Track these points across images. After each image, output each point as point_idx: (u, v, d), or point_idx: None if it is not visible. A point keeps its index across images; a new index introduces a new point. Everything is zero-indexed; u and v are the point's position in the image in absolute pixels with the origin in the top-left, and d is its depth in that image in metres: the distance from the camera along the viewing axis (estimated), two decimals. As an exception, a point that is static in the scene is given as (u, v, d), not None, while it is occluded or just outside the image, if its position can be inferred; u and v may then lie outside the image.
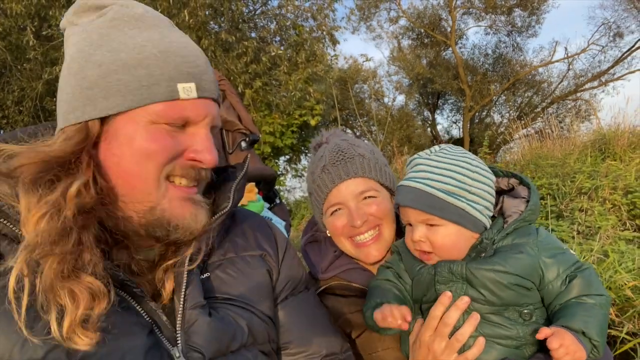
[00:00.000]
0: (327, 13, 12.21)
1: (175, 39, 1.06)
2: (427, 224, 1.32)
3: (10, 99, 10.52)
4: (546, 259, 1.26)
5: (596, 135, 8.63)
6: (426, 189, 1.30)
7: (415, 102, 26.82)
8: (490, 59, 23.69)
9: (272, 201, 2.69)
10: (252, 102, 11.41)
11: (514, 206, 1.36)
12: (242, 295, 1.17)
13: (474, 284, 1.27)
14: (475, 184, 1.31)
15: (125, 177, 1.02)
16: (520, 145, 10.53)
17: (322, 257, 1.69)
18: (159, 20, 1.09)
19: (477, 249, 1.31)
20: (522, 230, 1.32)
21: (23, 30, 9.23)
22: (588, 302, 1.22)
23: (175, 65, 1.02)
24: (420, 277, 1.38)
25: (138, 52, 1.00)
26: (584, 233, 4.49)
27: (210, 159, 1.06)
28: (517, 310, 1.28)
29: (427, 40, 23.63)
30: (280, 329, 1.25)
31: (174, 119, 1.02)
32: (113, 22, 1.03)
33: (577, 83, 22.33)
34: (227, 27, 11.06)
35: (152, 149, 1.00)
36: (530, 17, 21.83)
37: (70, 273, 0.90)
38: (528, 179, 1.41)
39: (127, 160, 1.01)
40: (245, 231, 1.29)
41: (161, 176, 1.03)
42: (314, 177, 1.61)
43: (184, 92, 1.02)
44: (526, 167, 7.74)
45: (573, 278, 1.25)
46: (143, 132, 1.00)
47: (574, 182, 5.84)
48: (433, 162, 1.34)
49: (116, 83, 0.99)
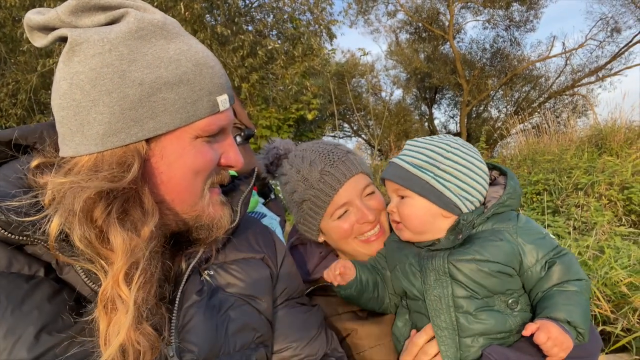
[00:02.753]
0: (324, 7, 12.14)
1: (200, 49, 1.05)
2: (398, 195, 1.42)
3: (5, 91, 10.44)
4: (525, 244, 1.28)
5: (593, 130, 8.66)
6: (398, 162, 1.41)
7: (412, 97, 26.84)
8: (488, 53, 23.69)
9: (266, 196, 2.66)
10: (249, 96, 11.36)
11: (493, 192, 1.40)
12: (246, 294, 1.16)
13: (458, 278, 1.29)
14: (447, 162, 1.35)
15: (173, 193, 1.03)
16: (517, 140, 10.55)
17: (309, 258, 1.68)
18: (176, 26, 1.05)
19: (455, 231, 1.34)
20: (502, 215, 1.34)
21: (17, 22, 9.15)
22: (569, 290, 1.23)
23: (210, 78, 1.02)
24: (401, 267, 1.42)
25: (175, 67, 0.96)
26: (580, 229, 4.51)
27: (242, 163, 1.12)
28: (503, 301, 1.30)
29: (425, 34, 23.58)
30: (274, 333, 1.24)
31: (214, 132, 1.05)
32: (139, 32, 0.94)
33: (574, 78, 22.37)
34: (223, 21, 10.98)
35: (200, 165, 1.03)
36: (528, 11, 21.83)
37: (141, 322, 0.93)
38: (505, 168, 1.47)
39: (177, 177, 1.02)
40: (248, 236, 1.29)
41: (206, 187, 1.07)
42: (309, 184, 1.55)
43: (222, 104, 1.04)
44: (523, 162, 7.75)
45: (552, 264, 1.27)
46: (190, 149, 1.01)
47: (570, 177, 5.85)
48: (417, 143, 1.43)
49: (162, 102, 0.95)
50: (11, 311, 0.85)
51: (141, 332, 0.91)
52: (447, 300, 1.30)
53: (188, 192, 1.04)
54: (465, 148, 1.40)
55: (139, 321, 0.91)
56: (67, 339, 0.88)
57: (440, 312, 1.31)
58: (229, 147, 1.10)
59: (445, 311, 1.30)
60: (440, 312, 1.31)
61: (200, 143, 1.03)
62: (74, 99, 0.91)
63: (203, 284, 1.10)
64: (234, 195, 1.25)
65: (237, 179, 1.30)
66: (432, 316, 1.32)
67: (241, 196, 1.24)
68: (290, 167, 1.61)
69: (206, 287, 1.10)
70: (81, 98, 0.91)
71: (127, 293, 0.89)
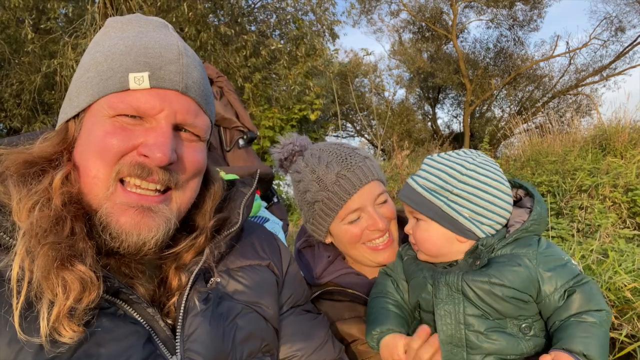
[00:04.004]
0: (327, 7, 12.12)
1: (153, 36, 1.02)
2: (414, 217, 1.39)
3: (9, 92, 10.48)
4: (544, 271, 1.23)
5: (597, 130, 8.61)
6: (413, 185, 1.37)
7: (415, 96, 26.78)
8: (492, 53, 23.61)
9: (269, 200, 2.66)
10: (252, 96, 11.35)
11: (517, 216, 1.34)
12: (253, 301, 1.15)
13: (470, 297, 1.25)
14: (461, 185, 1.29)
15: (85, 176, 1.00)
16: (520, 140, 10.51)
17: (316, 262, 1.67)
18: (148, 22, 1.06)
19: (473, 255, 1.30)
20: (523, 240, 1.29)
21: (21, 23, 9.17)
22: (588, 321, 1.18)
23: (134, 57, 0.98)
24: (416, 281, 1.39)
25: (108, 49, 1.00)
26: (583, 231, 4.48)
27: (160, 157, 0.95)
28: (516, 325, 1.26)
29: (428, 34, 23.52)
30: (280, 341, 1.23)
31: (125, 110, 0.97)
32: (106, 28, 1.04)
33: (578, 78, 22.27)
34: (226, 21, 10.98)
35: (99, 143, 0.96)
36: (532, 11, 21.74)
37: (64, 261, 0.89)
38: (534, 190, 1.38)
39: (85, 157, 1.00)
40: (253, 242, 1.28)
41: (111, 175, 0.97)
42: (324, 185, 1.54)
43: (135, 81, 0.97)
44: (527, 163, 7.72)
45: (572, 293, 1.21)
46: (98, 126, 0.98)
47: (574, 179, 5.82)
48: (433, 162, 1.36)
49: (86, 80, 1.01)
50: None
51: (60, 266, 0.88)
52: (457, 317, 1.26)
53: (91, 176, 0.98)
54: (484, 168, 1.31)
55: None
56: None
57: (447, 326, 1.28)
58: (153, 136, 0.97)
59: (454, 327, 1.27)
60: (447, 326, 1.28)
61: (111, 123, 0.98)
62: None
63: (209, 291, 1.08)
64: (236, 198, 1.23)
65: (240, 182, 1.28)
66: (439, 330, 1.29)
67: (243, 199, 1.22)
68: (305, 166, 1.60)
69: (212, 295, 1.08)
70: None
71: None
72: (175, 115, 1.00)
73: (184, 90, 1.02)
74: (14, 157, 0.98)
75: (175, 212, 1.05)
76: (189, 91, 1.03)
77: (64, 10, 9.74)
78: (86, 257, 0.92)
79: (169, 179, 1.00)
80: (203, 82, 1.09)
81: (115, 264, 1.02)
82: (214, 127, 2.87)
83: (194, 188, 1.11)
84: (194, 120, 1.04)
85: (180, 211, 1.08)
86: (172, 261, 1.08)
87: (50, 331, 0.85)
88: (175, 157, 1.00)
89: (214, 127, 2.87)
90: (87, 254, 0.92)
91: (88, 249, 0.93)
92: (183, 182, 1.05)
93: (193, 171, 1.07)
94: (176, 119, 1.01)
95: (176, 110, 1.00)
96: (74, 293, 0.87)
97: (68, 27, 9.47)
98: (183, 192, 1.07)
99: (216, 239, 1.14)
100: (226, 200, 1.23)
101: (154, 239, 0.98)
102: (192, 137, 1.07)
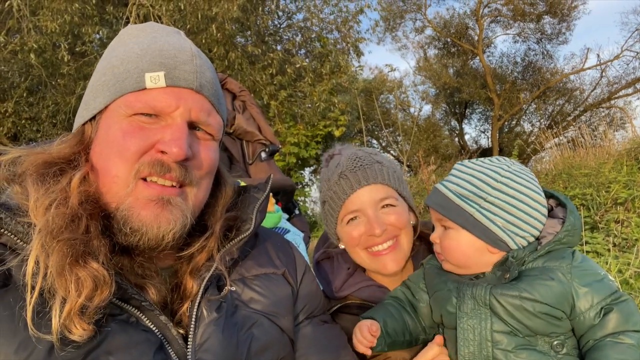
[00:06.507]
0: (352, 25, 12.25)
1: (167, 40, 1.06)
2: (442, 224, 1.33)
3: (45, 113, 10.90)
4: (579, 286, 1.15)
5: (632, 143, 8.32)
6: (442, 190, 1.30)
7: (442, 112, 26.56)
8: (520, 67, 23.29)
9: (291, 212, 2.66)
10: (277, 114, 11.49)
11: (549, 227, 1.27)
12: (269, 311, 1.13)
13: (498, 312, 1.18)
14: (496, 192, 1.24)
15: (104, 176, 1.02)
16: (551, 154, 10.24)
17: (335, 274, 1.63)
18: (162, 28, 1.09)
19: (502, 267, 1.23)
20: (556, 253, 1.22)
21: (57, 47, 9.57)
22: (625, 342, 1.09)
23: (150, 58, 1.02)
24: (440, 294, 1.33)
25: (124, 53, 1.04)
26: (620, 245, 4.30)
27: (177, 152, 0.98)
28: (547, 342, 1.18)
29: (453, 49, 23.42)
30: (296, 353, 1.20)
31: (142, 109, 1.01)
32: (120, 36, 1.09)
33: (610, 90, 21.69)
34: (253, 40, 11.22)
35: (118, 142, 1.00)
36: (560, 24, 21.41)
37: (78, 258, 0.90)
38: (566, 199, 1.32)
39: (104, 157, 1.02)
40: (269, 250, 1.26)
41: (131, 174, 0.99)
42: (329, 185, 1.56)
43: (151, 80, 1.00)
44: (558, 177, 7.50)
45: (609, 311, 1.13)
46: (116, 126, 1.01)
47: (609, 192, 5.61)
48: (464, 168, 1.32)
49: (102, 84, 1.04)
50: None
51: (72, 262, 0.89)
52: (484, 334, 1.19)
53: (111, 176, 0.99)
54: (520, 176, 1.26)
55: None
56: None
57: (469, 342, 1.21)
58: (170, 132, 1.00)
59: (477, 344, 1.20)
60: (469, 342, 1.21)
61: (129, 122, 1.00)
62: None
63: (222, 300, 1.07)
64: (249, 203, 1.22)
65: (253, 187, 1.27)
66: (459, 345, 1.22)
67: (256, 204, 1.21)
68: (327, 168, 1.63)
69: (226, 304, 1.06)
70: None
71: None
72: (190, 112, 1.03)
73: (198, 89, 1.05)
74: (33, 158, 1.01)
75: (191, 209, 1.07)
76: (203, 90, 1.06)
77: (98, 35, 10.14)
78: (100, 255, 0.93)
79: (185, 175, 1.03)
80: (215, 82, 1.12)
81: (129, 264, 1.02)
82: (236, 140, 2.91)
83: (207, 187, 1.13)
84: (207, 119, 1.07)
85: (194, 209, 1.09)
86: (186, 264, 1.08)
87: (61, 328, 0.85)
88: (191, 153, 1.03)
89: (236, 140, 2.91)
90: (100, 252, 0.93)
91: (102, 248, 0.94)
92: (197, 179, 1.07)
93: (207, 169, 1.09)
94: (191, 117, 1.04)
95: (191, 108, 1.04)
96: (87, 290, 0.87)
97: (102, 50, 9.84)
98: (198, 189, 1.09)
99: (228, 244, 1.13)
100: (238, 204, 1.22)
101: (172, 232, 1.00)
102: (206, 136, 1.10)
